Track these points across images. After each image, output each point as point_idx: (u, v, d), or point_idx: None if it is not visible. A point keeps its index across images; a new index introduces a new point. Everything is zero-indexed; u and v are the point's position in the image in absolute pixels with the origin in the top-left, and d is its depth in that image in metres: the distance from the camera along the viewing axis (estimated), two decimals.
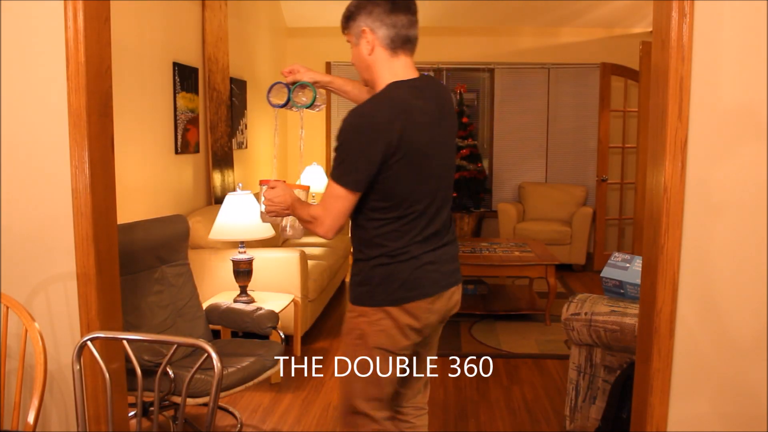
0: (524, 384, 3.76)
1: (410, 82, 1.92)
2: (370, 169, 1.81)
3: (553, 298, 4.86)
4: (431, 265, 1.95)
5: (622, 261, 3.03)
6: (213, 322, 3.32)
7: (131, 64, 3.63)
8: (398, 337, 1.94)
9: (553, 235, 6.54)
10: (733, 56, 1.92)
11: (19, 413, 1.96)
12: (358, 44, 1.93)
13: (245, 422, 3.25)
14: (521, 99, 7.29)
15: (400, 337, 1.94)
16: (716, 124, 1.94)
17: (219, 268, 4.07)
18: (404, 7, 1.90)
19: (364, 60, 1.93)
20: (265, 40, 6.45)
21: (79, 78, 2.09)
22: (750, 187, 1.95)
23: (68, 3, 2.07)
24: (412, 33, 1.92)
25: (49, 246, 2.19)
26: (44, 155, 2.15)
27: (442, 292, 1.99)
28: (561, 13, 6.82)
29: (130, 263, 2.93)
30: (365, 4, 1.90)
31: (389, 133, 1.79)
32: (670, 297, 1.97)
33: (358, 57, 1.95)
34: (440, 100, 1.97)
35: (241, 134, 5.61)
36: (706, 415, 2.03)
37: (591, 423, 2.95)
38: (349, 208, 1.87)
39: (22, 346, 1.92)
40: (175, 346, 1.62)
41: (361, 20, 1.90)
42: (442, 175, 1.97)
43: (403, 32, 1.90)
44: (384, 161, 1.81)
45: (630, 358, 2.77)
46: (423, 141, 1.87)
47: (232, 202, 3.72)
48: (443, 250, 2.00)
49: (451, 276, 2.04)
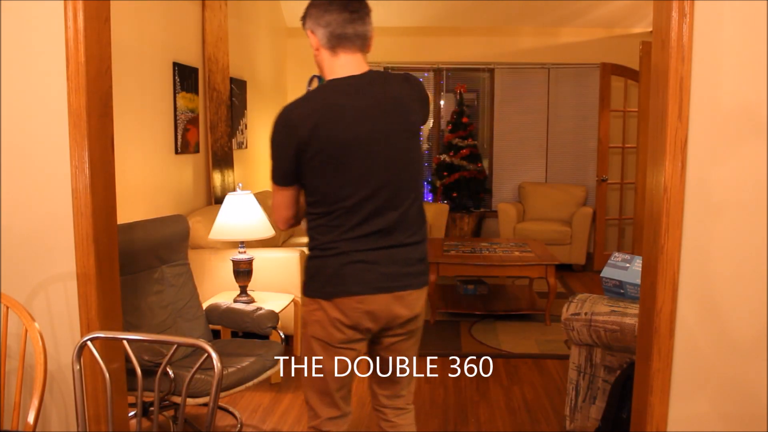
0: (524, 384, 3.76)
1: (346, 80, 1.93)
2: (288, 165, 1.91)
3: (553, 298, 4.86)
4: (363, 264, 1.92)
5: (622, 261, 3.03)
6: (213, 322, 3.32)
7: (131, 64, 3.63)
8: (331, 330, 1.96)
9: (553, 235, 6.54)
10: (733, 56, 1.92)
11: (19, 413, 1.96)
12: (313, 44, 1.99)
13: (245, 422, 3.25)
14: (521, 99, 7.29)
15: (332, 330, 1.96)
16: (716, 124, 1.94)
17: (219, 268, 4.07)
18: (339, 5, 1.91)
19: (316, 60, 2.00)
20: (265, 40, 6.45)
21: (79, 78, 2.09)
22: (750, 187, 1.95)
23: (68, 3, 2.07)
24: (349, 30, 1.91)
25: (49, 246, 2.19)
26: (44, 155, 2.15)
27: (378, 294, 1.94)
28: (561, 13, 6.82)
29: (130, 263, 2.94)
30: (308, 7, 1.97)
31: (301, 129, 1.86)
32: (670, 297, 1.98)
33: (314, 58, 2.01)
34: (382, 96, 1.92)
35: (241, 134, 5.61)
36: (706, 415, 2.04)
37: (591, 423, 2.95)
38: (284, 201, 1.98)
39: (22, 346, 1.92)
40: (175, 346, 1.63)
41: (306, 23, 1.97)
42: (388, 173, 1.92)
43: (338, 30, 1.91)
44: (298, 157, 1.88)
45: (630, 358, 2.77)
46: (345, 138, 1.87)
47: (232, 202, 3.72)
48: (391, 252, 1.95)
49: (399, 279, 1.97)
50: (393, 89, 1.94)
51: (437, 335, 4.60)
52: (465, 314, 5.01)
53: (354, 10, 1.91)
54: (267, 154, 1.98)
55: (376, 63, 7.18)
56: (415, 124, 1.97)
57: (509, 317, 4.97)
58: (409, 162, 1.97)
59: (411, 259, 1.99)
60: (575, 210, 6.79)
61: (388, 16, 6.92)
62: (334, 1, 1.91)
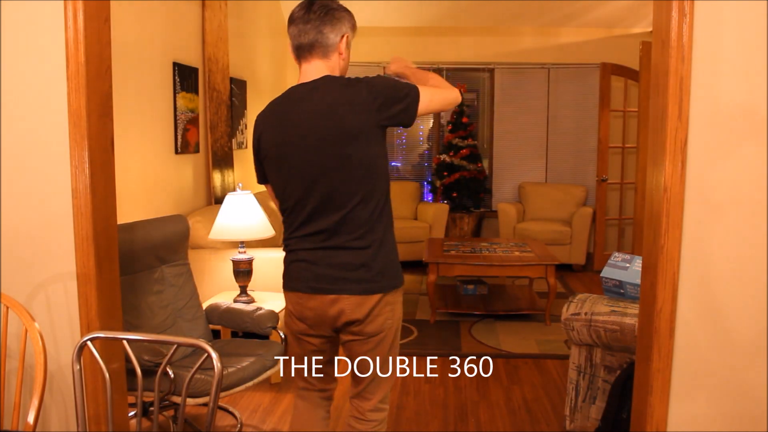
0: (524, 384, 3.76)
1: (296, 87, 2.04)
2: (257, 164, 2.14)
3: (553, 298, 4.86)
4: (304, 263, 2.04)
5: (622, 261, 3.03)
6: (213, 322, 3.32)
7: (131, 64, 3.63)
8: (288, 319, 2.16)
9: (553, 235, 6.54)
10: (733, 56, 1.92)
11: (19, 413, 1.96)
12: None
13: (245, 422, 3.25)
14: (521, 99, 7.29)
15: (289, 319, 2.15)
16: (716, 124, 1.94)
17: (219, 268, 4.07)
18: (298, 17, 2.02)
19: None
20: (265, 40, 6.45)
21: (79, 78, 2.09)
22: (750, 187, 1.95)
23: (68, 3, 2.07)
24: (303, 40, 2.01)
25: (49, 246, 2.19)
26: (44, 155, 2.15)
27: (315, 294, 2.02)
28: (561, 13, 6.82)
29: (130, 263, 2.94)
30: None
31: (255, 133, 2.09)
32: (670, 297, 1.98)
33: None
34: (319, 101, 1.95)
35: (241, 134, 5.61)
36: (706, 415, 2.04)
37: (591, 423, 2.95)
38: (270, 194, 2.18)
39: (22, 346, 1.92)
40: (175, 346, 1.63)
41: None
42: (323, 175, 1.95)
43: (295, 42, 2.03)
44: (257, 156, 2.11)
45: (630, 358, 2.77)
46: (281, 141, 2.01)
47: (232, 202, 3.72)
48: (328, 253, 1.99)
49: (332, 282, 1.99)
50: (332, 95, 1.96)
51: (437, 335, 4.60)
52: (465, 314, 5.02)
53: (309, 20, 1.98)
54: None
55: (377, 63, 7.19)
56: (355, 128, 1.93)
57: (509, 317, 4.97)
58: (348, 165, 1.94)
59: (351, 264, 1.98)
60: (575, 210, 6.79)
61: (389, 16, 6.93)
62: (296, 13, 2.02)
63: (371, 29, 7.16)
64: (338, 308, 2.01)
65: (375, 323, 2.04)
